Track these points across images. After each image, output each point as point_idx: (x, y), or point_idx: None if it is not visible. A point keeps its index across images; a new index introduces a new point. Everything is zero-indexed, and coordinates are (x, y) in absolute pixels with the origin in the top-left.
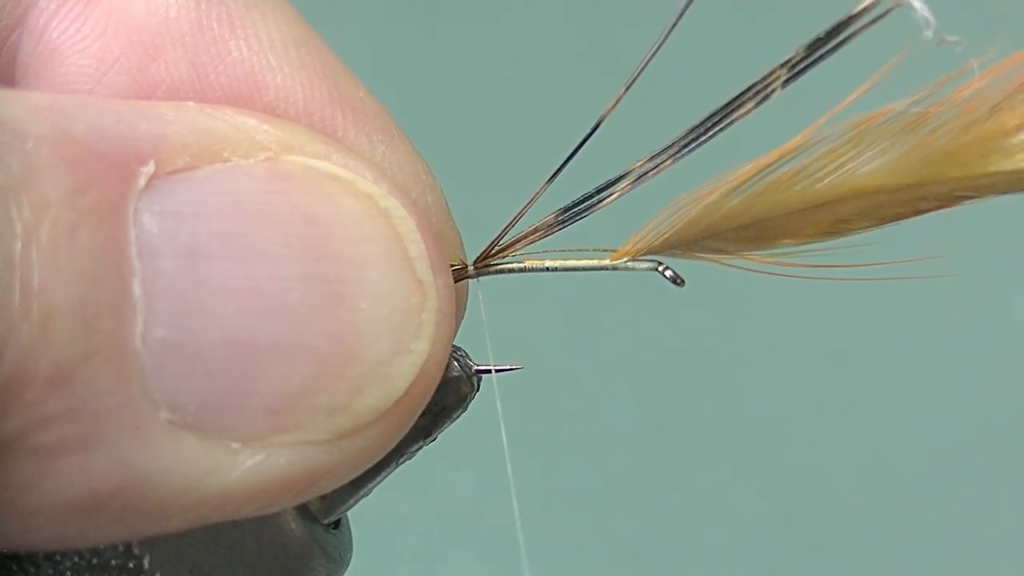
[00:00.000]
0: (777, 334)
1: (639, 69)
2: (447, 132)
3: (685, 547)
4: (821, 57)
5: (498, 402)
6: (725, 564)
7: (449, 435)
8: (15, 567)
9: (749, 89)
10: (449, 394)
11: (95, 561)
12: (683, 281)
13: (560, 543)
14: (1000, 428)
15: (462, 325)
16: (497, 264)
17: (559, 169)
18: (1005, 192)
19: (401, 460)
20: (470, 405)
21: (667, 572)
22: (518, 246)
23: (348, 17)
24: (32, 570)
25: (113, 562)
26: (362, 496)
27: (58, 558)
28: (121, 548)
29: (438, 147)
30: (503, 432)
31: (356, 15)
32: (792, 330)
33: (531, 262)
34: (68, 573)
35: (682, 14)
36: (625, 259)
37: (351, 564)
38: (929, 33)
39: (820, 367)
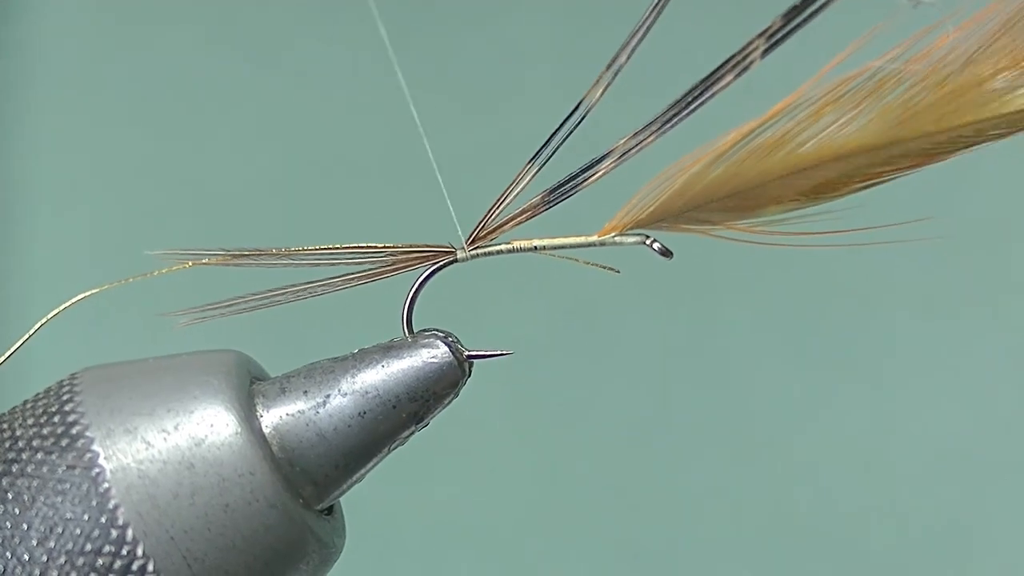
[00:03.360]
0: (778, 327)
1: (625, 50)
2: (447, 132)
3: (684, 542)
4: (798, 26)
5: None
6: (724, 560)
7: (445, 427)
8: None
9: (728, 61)
10: (440, 380)
11: (88, 547)
12: (671, 253)
13: (558, 535)
14: (1000, 426)
15: (454, 312)
16: (486, 247)
17: (543, 147)
18: (980, 141)
19: (393, 446)
20: (462, 392)
21: (666, 567)
22: (506, 227)
23: (349, 17)
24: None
25: (107, 548)
26: (355, 482)
27: (51, 543)
28: (115, 535)
29: (438, 146)
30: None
31: (356, 15)
32: (793, 324)
33: (519, 242)
34: (63, 557)
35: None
36: (613, 234)
37: (349, 561)
38: None
39: (821, 361)
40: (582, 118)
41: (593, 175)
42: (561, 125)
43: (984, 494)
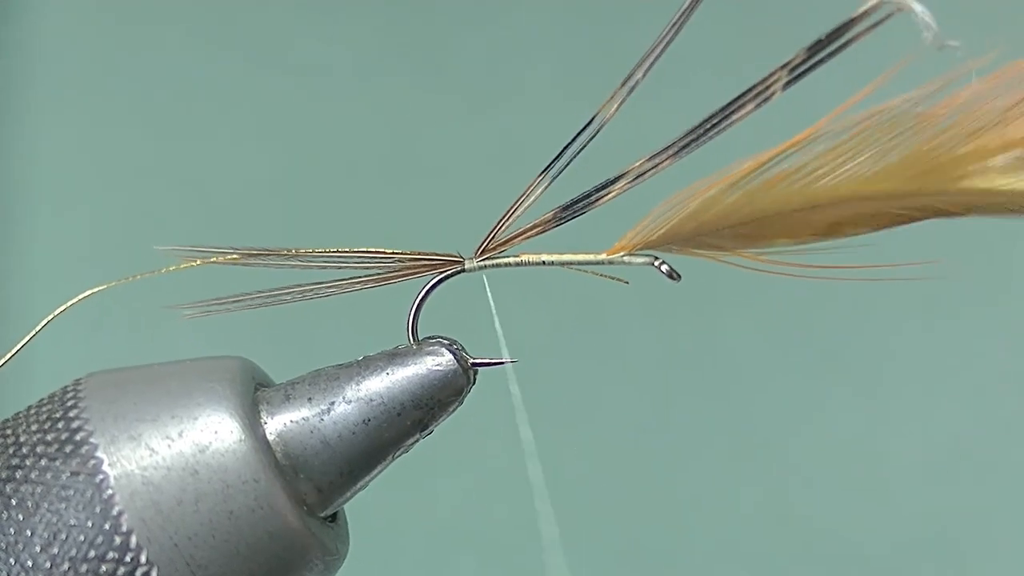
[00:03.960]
0: (777, 331)
1: (642, 69)
2: (447, 130)
3: (685, 545)
4: (822, 60)
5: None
6: (724, 563)
7: (450, 435)
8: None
9: (749, 91)
10: (445, 388)
11: (92, 554)
12: (679, 276)
13: (560, 540)
14: (998, 429)
15: (460, 320)
16: (495, 259)
17: (552, 161)
18: (994, 212)
19: (398, 453)
20: (466, 399)
21: (667, 571)
22: (516, 241)
23: (349, 17)
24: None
25: (110, 555)
26: (359, 489)
27: (54, 549)
28: (119, 542)
29: (438, 145)
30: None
31: (357, 14)
32: (791, 328)
33: (528, 256)
34: (66, 564)
35: (686, 14)
36: (622, 254)
37: (353, 567)
38: (930, 37)
39: (819, 364)
40: (596, 133)
41: (606, 195)
42: (574, 139)
43: (982, 498)
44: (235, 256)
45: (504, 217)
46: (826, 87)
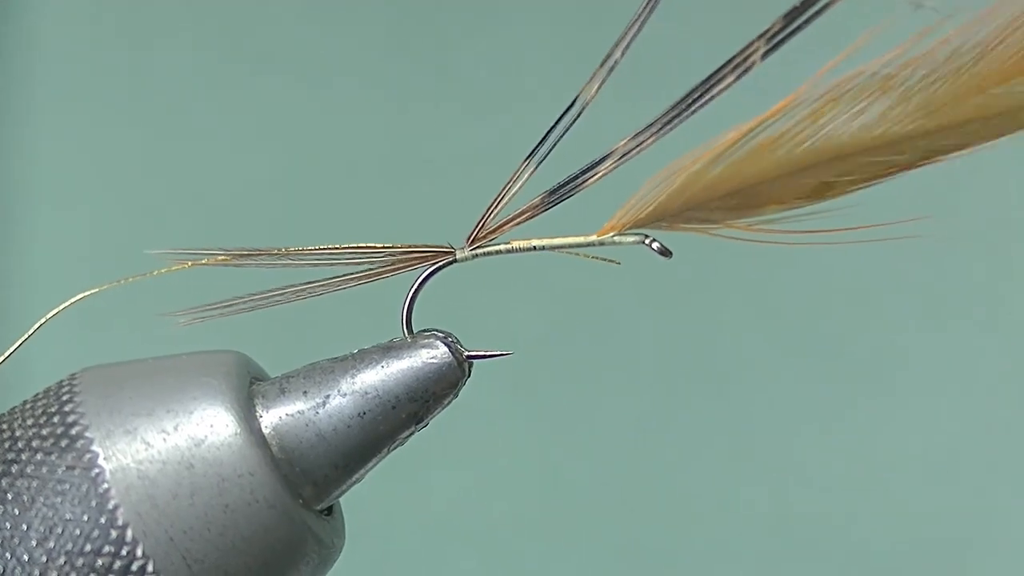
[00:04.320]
0: (779, 331)
1: (619, 46)
2: (447, 132)
3: (684, 544)
4: (799, 27)
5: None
6: (725, 563)
7: (445, 430)
8: None
9: (728, 63)
10: (440, 380)
11: (88, 548)
12: (670, 252)
13: (557, 536)
14: (1002, 432)
15: (455, 312)
16: (486, 247)
17: (538, 145)
18: (975, 141)
19: (393, 446)
20: (461, 392)
21: (666, 570)
22: (506, 228)
23: (349, 16)
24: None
25: (106, 549)
26: (354, 482)
27: (51, 543)
28: (115, 536)
29: (438, 146)
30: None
31: (356, 14)
32: (793, 328)
33: (518, 242)
34: (62, 558)
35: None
36: (612, 234)
37: (349, 561)
38: None
39: (821, 365)
40: (578, 115)
41: (593, 176)
42: (557, 122)
43: (985, 498)
44: (226, 257)
45: (492, 204)
46: (804, 54)
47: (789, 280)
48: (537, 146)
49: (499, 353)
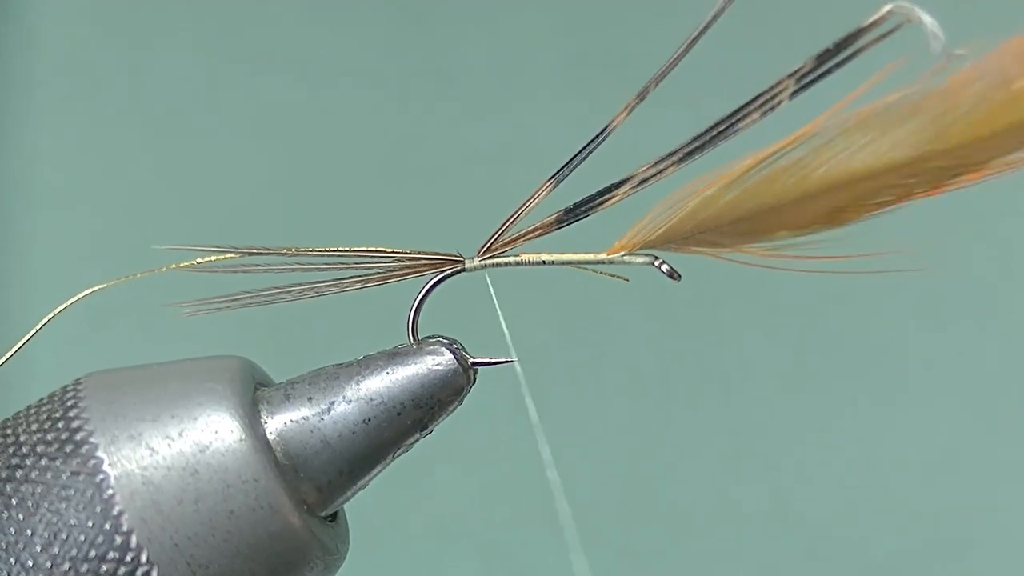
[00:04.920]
0: (779, 334)
1: (655, 79)
2: (447, 132)
3: (685, 547)
4: (830, 70)
5: (525, 389)
6: (725, 564)
7: (449, 436)
8: None
9: (756, 99)
10: (445, 387)
11: (92, 554)
12: (679, 275)
13: (560, 540)
14: (1003, 434)
15: (461, 319)
16: (496, 258)
17: (561, 168)
18: (985, 162)
19: (398, 453)
20: (466, 398)
21: (667, 572)
22: (519, 242)
23: (350, 16)
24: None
25: (111, 555)
26: (359, 488)
27: (55, 549)
28: (119, 542)
29: (438, 147)
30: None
31: (357, 14)
32: (795, 329)
33: (528, 256)
34: (66, 563)
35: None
36: (622, 253)
37: (353, 567)
38: (938, 46)
39: (821, 366)
40: (603, 139)
41: (610, 199)
42: (584, 148)
43: (986, 500)
44: (233, 255)
45: (508, 219)
46: (824, 82)
47: (789, 280)
48: (562, 168)
49: (504, 360)
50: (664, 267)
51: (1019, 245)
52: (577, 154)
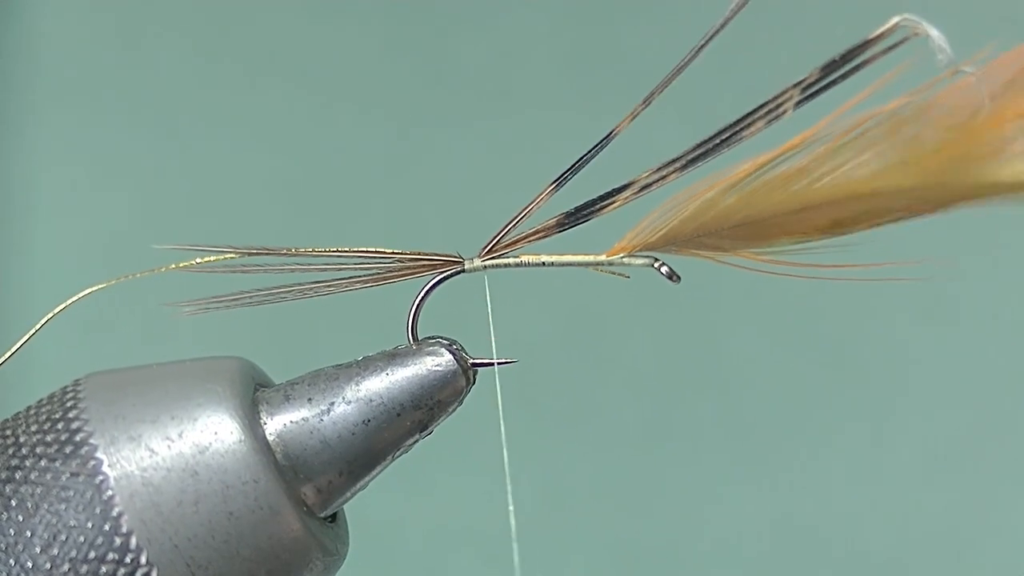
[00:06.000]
0: (778, 332)
1: (660, 86)
2: (449, 132)
3: (684, 547)
4: (835, 80)
5: (499, 398)
6: (725, 565)
7: (450, 437)
8: None
9: (760, 108)
10: (445, 388)
11: (92, 555)
12: (679, 277)
13: (558, 542)
14: (1001, 432)
15: (461, 320)
16: (495, 259)
17: (564, 174)
18: (995, 199)
19: (398, 454)
20: (466, 399)
21: (666, 571)
22: (520, 244)
23: (350, 17)
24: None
25: (110, 556)
26: (359, 489)
27: (54, 550)
28: (119, 543)
29: (438, 148)
30: (502, 427)
31: (356, 14)
32: (794, 329)
33: (528, 257)
34: (66, 565)
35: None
36: (622, 255)
37: (352, 568)
38: (944, 60)
39: (821, 366)
40: (606, 144)
41: (612, 204)
42: (588, 152)
43: (986, 500)
44: (233, 255)
45: (510, 223)
46: (829, 93)
47: (789, 282)
48: (565, 173)
49: (504, 361)
50: (664, 269)
51: (1019, 245)
52: (581, 159)
